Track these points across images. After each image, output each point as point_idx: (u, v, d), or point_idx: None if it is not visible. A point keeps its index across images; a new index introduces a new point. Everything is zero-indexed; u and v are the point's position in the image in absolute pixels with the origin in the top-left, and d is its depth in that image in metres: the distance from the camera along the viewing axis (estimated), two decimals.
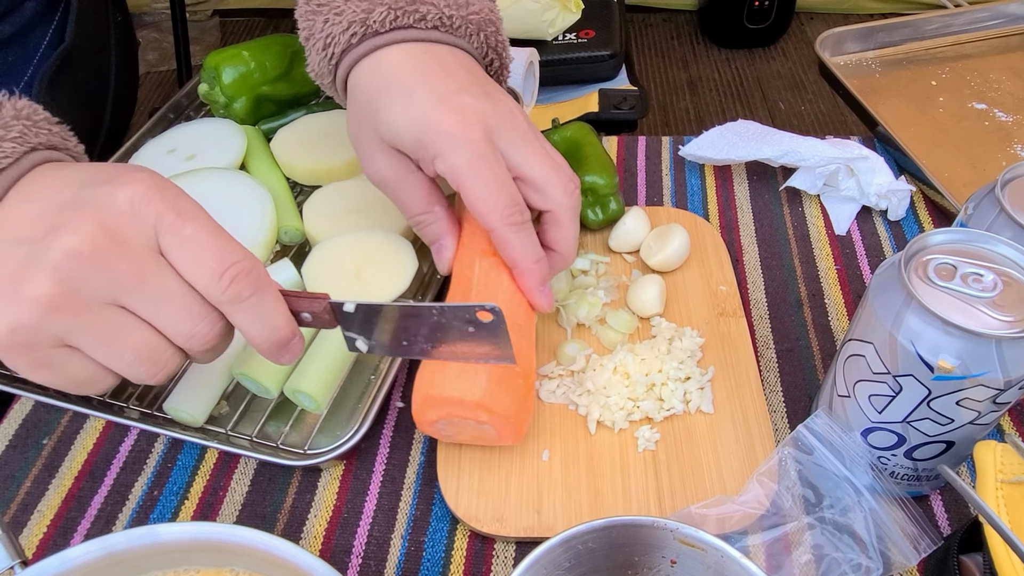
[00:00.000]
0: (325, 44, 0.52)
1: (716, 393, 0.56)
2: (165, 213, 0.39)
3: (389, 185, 0.52)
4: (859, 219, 0.71)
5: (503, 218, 0.49)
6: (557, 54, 1.05)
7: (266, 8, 2.67)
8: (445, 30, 0.52)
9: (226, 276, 0.39)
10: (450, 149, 0.48)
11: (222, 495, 0.53)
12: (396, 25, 0.51)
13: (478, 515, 0.50)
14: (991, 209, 0.50)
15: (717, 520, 0.48)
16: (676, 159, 0.77)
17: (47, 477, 0.54)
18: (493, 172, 0.48)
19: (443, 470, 0.52)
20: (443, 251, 0.54)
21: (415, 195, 0.52)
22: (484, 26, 0.54)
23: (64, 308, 0.37)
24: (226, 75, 0.71)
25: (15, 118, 0.41)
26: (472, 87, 0.50)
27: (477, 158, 0.48)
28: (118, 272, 0.38)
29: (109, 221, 0.38)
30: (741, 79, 2.40)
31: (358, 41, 0.51)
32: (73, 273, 0.37)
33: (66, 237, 0.37)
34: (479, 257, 0.52)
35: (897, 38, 0.89)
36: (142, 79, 2.39)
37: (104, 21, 0.83)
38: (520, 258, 0.50)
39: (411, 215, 0.53)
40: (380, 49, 0.51)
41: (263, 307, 0.41)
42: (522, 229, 0.50)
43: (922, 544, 0.46)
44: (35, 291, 0.37)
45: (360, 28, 0.51)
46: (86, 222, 0.38)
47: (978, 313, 0.42)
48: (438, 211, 0.53)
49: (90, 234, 0.37)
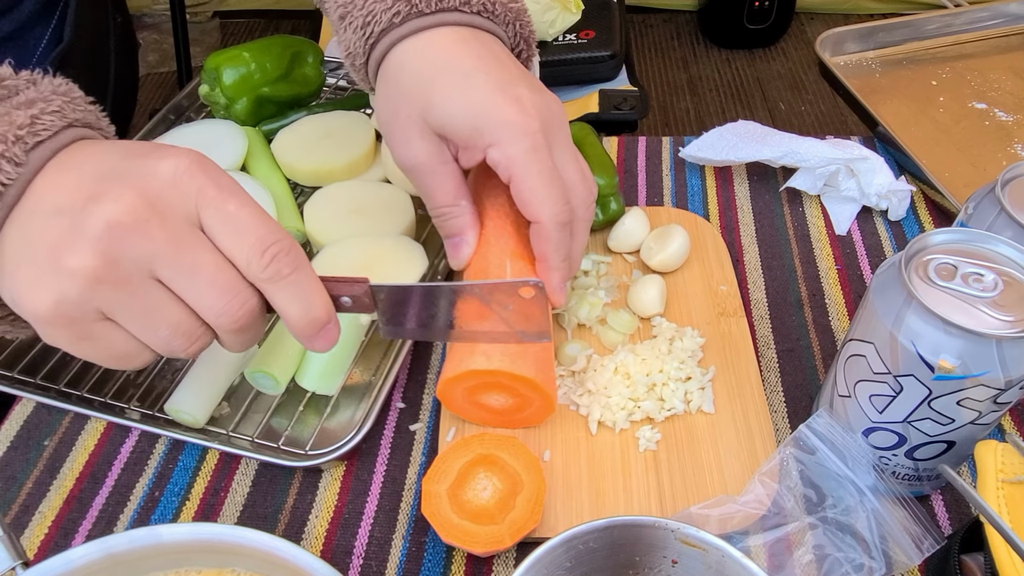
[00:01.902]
0: (365, 22, 0.51)
1: (717, 393, 0.56)
2: (207, 187, 0.39)
3: (422, 171, 0.51)
4: (859, 219, 0.71)
5: (554, 214, 0.49)
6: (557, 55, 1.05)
7: (266, 9, 2.68)
8: (487, 16, 0.52)
9: (268, 253, 0.39)
10: (508, 138, 0.47)
11: (223, 496, 0.53)
12: (441, 7, 0.50)
13: None
14: (991, 209, 0.50)
15: (719, 520, 0.48)
16: (676, 160, 0.77)
17: (48, 478, 0.54)
18: (547, 166, 0.48)
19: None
20: (462, 247, 0.53)
21: (446, 185, 0.51)
22: (520, 15, 0.54)
23: (106, 279, 0.37)
24: (227, 76, 0.71)
25: (54, 93, 0.40)
26: (525, 79, 0.50)
27: (534, 150, 0.48)
28: (156, 242, 0.37)
29: (150, 191, 0.38)
30: (741, 79, 2.40)
31: (401, 21, 0.50)
32: (114, 243, 0.37)
33: (107, 205, 0.37)
34: (509, 259, 0.52)
35: (897, 38, 0.89)
36: (142, 80, 2.39)
37: (103, 22, 0.83)
38: (553, 255, 0.50)
39: (437, 205, 0.52)
40: (425, 31, 0.50)
41: (302, 286, 0.41)
42: (565, 228, 0.50)
43: (925, 543, 0.46)
44: (78, 262, 0.37)
45: (405, 7, 0.49)
46: (127, 191, 0.37)
47: (979, 313, 0.42)
48: (464, 205, 0.52)
49: (131, 203, 0.37)
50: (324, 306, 0.42)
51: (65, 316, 0.37)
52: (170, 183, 0.38)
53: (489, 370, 0.48)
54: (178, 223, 0.38)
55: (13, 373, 0.57)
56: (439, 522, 0.47)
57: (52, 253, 0.37)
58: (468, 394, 0.51)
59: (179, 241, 0.38)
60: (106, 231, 0.37)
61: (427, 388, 0.59)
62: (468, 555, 0.50)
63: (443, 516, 0.48)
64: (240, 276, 0.40)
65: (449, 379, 0.50)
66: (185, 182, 0.39)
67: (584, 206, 0.51)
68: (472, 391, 0.51)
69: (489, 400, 0.51)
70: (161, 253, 0.38)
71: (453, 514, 0.48)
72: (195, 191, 0.39)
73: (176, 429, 0.54)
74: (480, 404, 0.52)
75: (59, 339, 0.39)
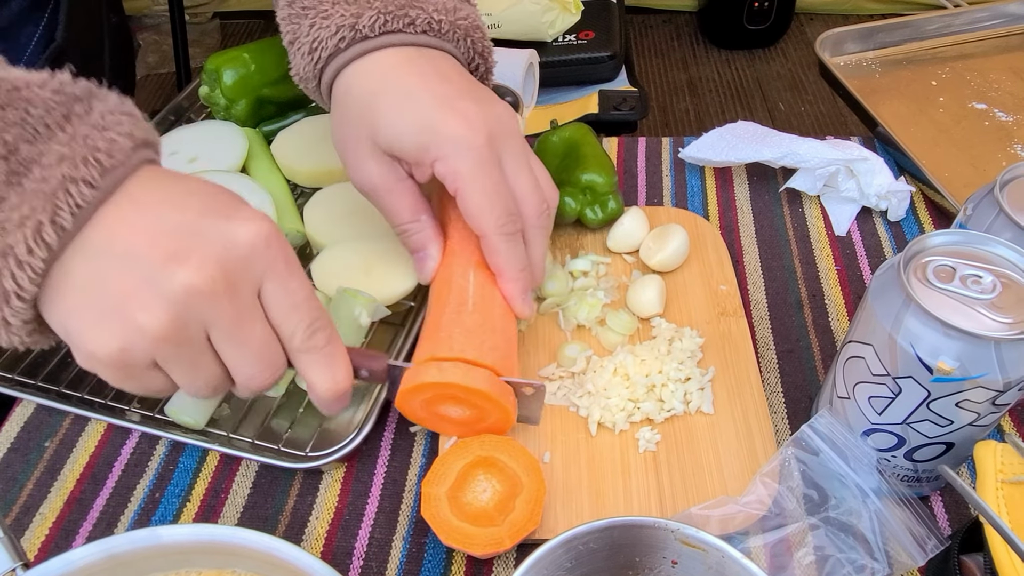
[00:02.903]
0: (311, 48, 0.51)
1: (717, 393, 0.56)
2: (278, 261, 0.41)
3: (378, 192, 0.52)
4: (859, 220, 0.71)
5: (497, 226, 0.49)
6: (557, 55, 1.05)
7: (266, 10, 2.67)
8: (434, 34, 0.52)
9: (311, 328, 0.42)
10: (453, 152, 0.48)
11: (224, 497, 0.54)
12: (386, 29, 0.50)
13: None
14: (990, 210, 0.50)
15: (720, 521, 0.49)
16: (676, 160, 0.77)
17: (49, 480, 0.54)
18: (492, 179, 0.49)
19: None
20: (427, 260, 0.54)
21: (403, 203, 0.52)
22: (471, 31, 0.54)
23: (171, 339, 0.38)
24: (227, 77, 0.71)
25: (121, 112, 0.40)
26: (471, 92, 0.50)
27: (479, 163, 0.48)
28: (223, 312, 0.39)
29: (228, 261, 0.39)
30: (741, 80, 2.40)
31: (346, 45, 0.51)
32: (188, 308, 0.38)
33: (190, 272, 0.38)
34: (473, 269, 0.53)
35: (897, 38, 0.89)
36: (142, 81, 2.39)
37: (97, 22, 0.82)
38: (507, 266, 0.51)
39: (398, 223, 0.53)
40: (371, 53, 0.51)
41: (333, 359, 0.44)
42: (512, 239, 0.51)
43: (929, 544, 0.46)
44: (150, 320, 0.38)
45: (349, 32, 0.50)
46: (209, 260, 0.38)
47: (977, 315, 0.42)
48: (425, 220, 0.53)
49: (211, 274, 0.38)
50: (348, 377, 0.45)
51: (122, 362, 0.39)
52: (247, 253, 0.40)
53: (442, 383, 0.48)
54: (244, 294, 0.40)
55: (14, 375, 0.57)
56: (439, 524, 0.47)
57: (123, 302, 0.38)
58: (426, 405, 0.51)
59: (241, 313, 0.40)
60: (183, 296, 0.38)
61: None
62: (468, 556, 0.50)
63: (443, 518, 0.48)
64: (279, 349, 0.42)
65: (406, 390, 0.49)
66: (260, 253, 0.40)
67: (536, 214, 0.52)
68: (430, 403, 0.50)
69: (448, 411, 0.51)
70: (223, 322, 0.39)
71: (453, 516, 0.48)
72: (267, 263, 0.40)
73: (176, 431, 0.54)
74: (440, 415, 0.51)
75: (107, 375, 0.40)
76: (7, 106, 0.37)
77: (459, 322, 0.50)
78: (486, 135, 0.48)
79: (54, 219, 0.37)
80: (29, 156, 0.37)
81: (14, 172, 0.37)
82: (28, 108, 0.38)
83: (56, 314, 0.39)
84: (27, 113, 0.38)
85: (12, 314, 0.38)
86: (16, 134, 0.37)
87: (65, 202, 0.37)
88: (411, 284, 0.59)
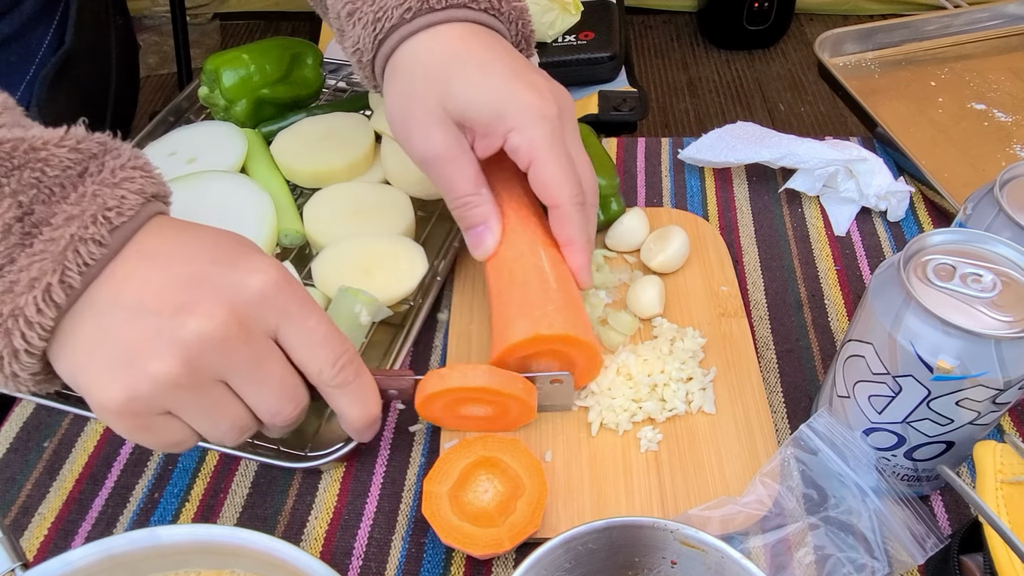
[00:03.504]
0: (376, 18, 0.51)
1: (718, 393, 0.56)
2: (291, 304, 0.41)
3: (442, 161, 0.51)
4: (859, 220, 0.71)
5: (571, 196, 0.50)
6: (557, 56, 1.05)
7: (266, 11, 2.68)
8: (493, 14, 0.53)
9: (338, 364, 0.43)
10: (529, 122, 0.49)
11: (223, 497, 0.53)
12: (451, 3, 0.51)
13: None
14: (990, 209, 0.50)
15: (720, 521, 0.48)
16: (676, 161, 0.77)
17: (48, 480, 0.54)
18: (564, 151, 0.50)
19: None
20: (487, 235, 0.53)
21: (466, 173, 0.52)
22: (522, 15, 0.55)
23: (183, 385, 0.38)
24: (226, 78, 0.71)
25: (133, 167, 0.40)
26: (535, 69, 0.52)
27: (553, 134, 0.49)
28: (238, 356, 0.39)
29: (239, 307, 0.39)
30: (741, 80, 2.40)
31: (412, 16, 0.51)
32: (200, 355, 0.38)
33: (200, 320, 0.38)
34: (541, 246, 0.53)
35: (896, 39, 0.89)
36: (142, 82, 2.38)
37: (104, 24, 0.83)
38: (579, 236, 0.52)
39: (459, 194, 0.52)
40: (434, 26, 0.51)
41: (362, 390, 0.45)
42: (584, 209, 0.52)
43: (928, 542, 0.46)
44: (160, 368, 0.38)
45: (416, 3, 0.50)
46: (219, 307, 0.38)
47: (977, 313, 0.42)
48: (485, 193, 0.53)
49: (223, 320, 0.38)
50: (377, 404, 0.46)
51: (132, 411, 0.39)
52: (258, 299, 0.40)
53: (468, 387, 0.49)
54: (258, 337, 0.40)
55: None
56: (439, 523, 0.47)
57: (133, 352, 0.38)
58: (447, 408, 0.51)
59: (257, 356, 0.40)
60: (195, 342, 0.38)
61: None
62: (467, 556, 0.50)
63: (443, 517, 0.48)
64: (300, 382, 0.43)
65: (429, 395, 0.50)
66: (271, 298, 0.40)
67: (592, 191, 0.53)
68: (450, 405, 0.51)
69: (470, 411, 0.52)
70: (239, 366, 0.40)
71: (453, 515, 0.48)
72: (280, 308, 0.41)
73: None
74: (461, 415, 0.52)
75: (120, 428, 0.40)
76: (24, 167, 0.38)
77: (550, 299, 0.51)
78: (557, 108, 0.50)
79: (63, 279, 0.37)
80: (42, 217, 0.38)
81: (27, 233, 0.37)
82: (45, 168, 0.38)
83: (66, 368, 0.39)
84: (43, 174, 0.38)
85: (21, 368, 0.39)
86: (32, 195, 0.38)
87: (74, 262, 0.37)
88: (411, 286, 0.59)
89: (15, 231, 0.37)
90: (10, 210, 0.37)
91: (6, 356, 0.38)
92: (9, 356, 0.38)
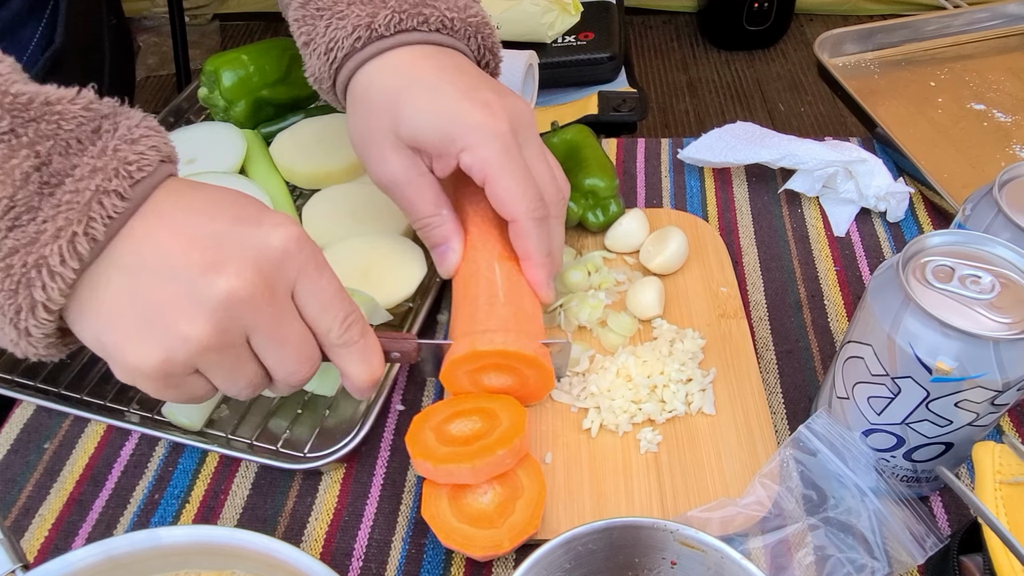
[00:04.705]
0: (328, 48, 0.52)
1: (717, 394, 0.56)
2: (309, 262, 0.42)
3: (399, 186, 0.53)
4: (858, 220, 0.71)
5: (529, 210, 0.50)
6: (556, 56, 1.05)
7: (266, 12, 2.68)
8: (446, 32, 0.53)
9: (345, 323, 0.43)
10: (480, 141, 0.49)
11: (223, 499, 0.54)
12: (400, 28, 0.51)
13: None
14: (989, 210, 0.50)
15: (720, 523, 0.49)
16: (675, 161, 0.77)
17: (48, 481, 0.54)
18: (520, 164, 0.50)
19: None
20: (449, 254, 0.54)
21: (425, 197, 0.53)
22: (480, 28, 0.55)
23: (215, 346, 0.39)
24: (226, 79, 0.71)
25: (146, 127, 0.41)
26: (490, 85, 0.51)
27: (505, 150, 0.49)
28: (263, 315, 0.40)
29: (264, 266, 0.40)
30: (740, 81, 2.40)
31: (362, 45, 0.51)
32: (229, 315, 0.39)
33: (229, 279, 0.38)
34: (497, 261, 0.53)
35: (896, 39, 0.89)
36: (141, 83, 2.39)
37: (97, 23, 0.82)
38: (536, 251, 0.52)
39: (419, 217, 0.53)
40: (387, 52, 0.52)
41: (367, 350, 0.45)
42: (542, 223, 0.52)
43: (928, 542, 0.46)
44: (194, 331, 0.38)
45: (365, 32, 0.51)
46: (246, 266, 0.39)
47: (976, 315, 0.42)
48: (446, 214, 0.54)
49: (250, 279, 0.39)
50: (381, 364, 0.47)
51: (166, 372, 0.39)
52: (281, 257, 0.41)
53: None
54: (280, 296, 0.41)
55: (13, 376, 0.57)
56: (439, 525, 0.47)
57: (163, 313, 0.38)
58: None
59: (279, 314, 0.41)
60: (225, 303, 0.38)
61: (426, 390, 0.59)
62: (467, 558, 0.50)
63: (443, 519, 0.48)
64: (315, 344, 0.43)
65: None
66: (294, 255, 0.41)
67: (555, 203, 0.53)
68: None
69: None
70: (263, 325, 0.40)
71: (453, 517, 0.48)
72: (299, 265, 0.41)
73: (176, 432, 0.54)
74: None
75: (146, 386, 0.40)
76: (40, 119, 0.38)
77: (493, 314, 0.51)
78: (509, 123, 0.50)
79: (87, 230, 0.37)
80: (61, 169, 0.38)
81: (46, 183, 0.37)
82: (61, 122, 0.38)
83: (89, 329, 0.39)
84: (59, 127, 0.38)
85: (36, 325, 0.38)
86: (49, 147, 0.38)
87: (99, 213, 0.37)
88: (410, 288, 0.59)
89: (33, 180, 0.37)
90: (28, 159, 0.37)
91: (24, 309, 0.38)
92: (27, 310, 0.38)
